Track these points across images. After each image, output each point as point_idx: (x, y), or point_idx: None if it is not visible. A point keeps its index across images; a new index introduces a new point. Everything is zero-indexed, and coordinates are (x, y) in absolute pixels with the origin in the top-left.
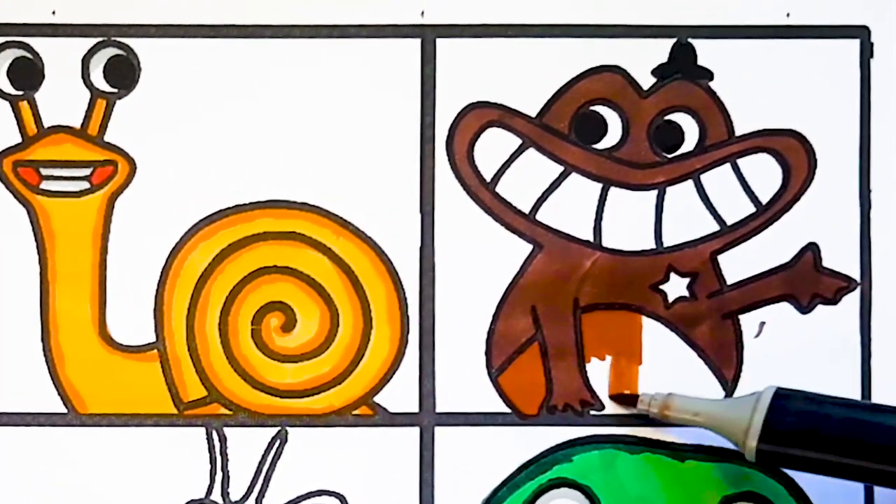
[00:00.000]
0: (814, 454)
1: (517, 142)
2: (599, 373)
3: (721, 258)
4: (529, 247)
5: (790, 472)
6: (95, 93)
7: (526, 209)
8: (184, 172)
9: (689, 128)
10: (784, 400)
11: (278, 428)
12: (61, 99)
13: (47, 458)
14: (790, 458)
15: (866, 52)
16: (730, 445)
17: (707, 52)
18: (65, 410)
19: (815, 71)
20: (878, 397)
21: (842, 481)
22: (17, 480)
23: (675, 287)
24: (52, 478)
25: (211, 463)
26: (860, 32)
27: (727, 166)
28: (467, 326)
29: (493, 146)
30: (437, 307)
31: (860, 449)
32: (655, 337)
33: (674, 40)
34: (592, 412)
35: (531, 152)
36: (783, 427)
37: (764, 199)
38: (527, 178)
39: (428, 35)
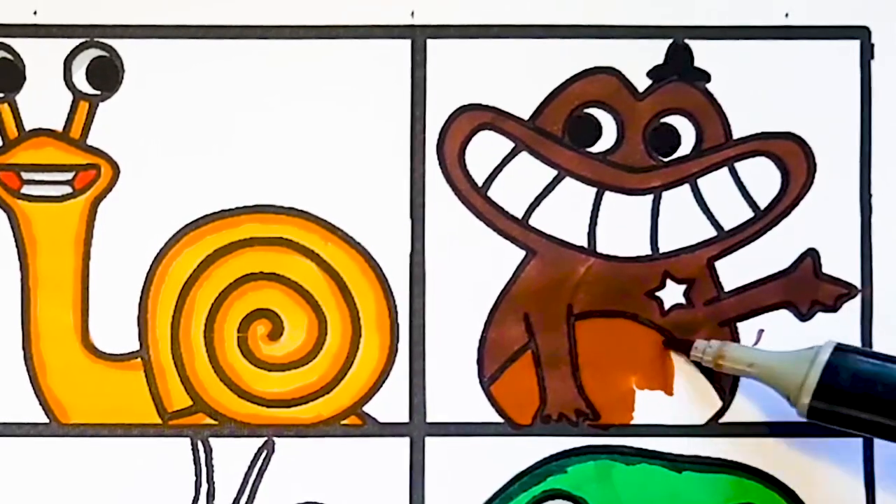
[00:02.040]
0: (868, 415)
1: (510, 145)
2: (594, 382)
3: (718, 264)
4: (522, 253)
5: (792, 485)
6: (78, 95)
7: (519, 214)
8: (168, 176)
9: (686, 131)
10: (842, 358)
11: (265, 438)
12: (43, 101)
13: (28, 468)
14: (842, 418)
15: (867, 54)
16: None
17: (704, 54)
18: (46, 420)
19: (815, 73)
20: None
21: (845, 496)
22: None
23: (672, 294)
24: (34, 489)
25: (196, 474)
26: (860, 33)
27: (725, 170)
28: (459, 334)
29: (484, 149)
30: (428, 315)
31: None
32: (651, 345)
33: (670, 41)
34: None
35: (524, 156)
36: (839, 386)
37: (762, 204)
38: (519, 183)
39: (418, 36)
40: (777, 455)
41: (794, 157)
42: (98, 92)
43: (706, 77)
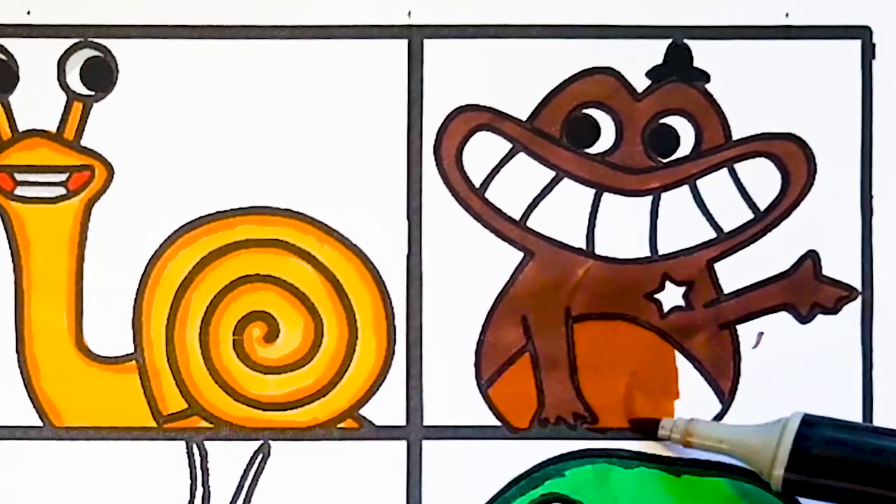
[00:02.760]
0: (843, 484)
1: (507, 146)
2: (592, 385)
3: (718, 266)
4: (520, 254)
5: None
6: (72, 95)
7: (516, 216)
8: (163, 178)
9: (685, 131)
10: (812, 427)
11: (261, 442)
12: (36, 102)
13: (22, 472)
14: (818, 488)
15: (868, 54)
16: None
17: (703, 54)
18: (40, 423)
19: (815, 73)
20: (879, 410)
21: None
22: None
23: (671, 296)
24: (27, 493)
25: (191, 478)
26: (861, 33)
27: (724, 171)
28: (456, 337)
29: (482, 150)
30: (425, 317)
31: (892, 479)
32: (650, 347)
33: (669, 41)
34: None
35: (522, 157)
36: (811, 456)
37: (762, 206)
38: (517, 184)
39: (415, 36)
40: None
41: (794, 158)
42: (92, 92)
43: (705, 77)
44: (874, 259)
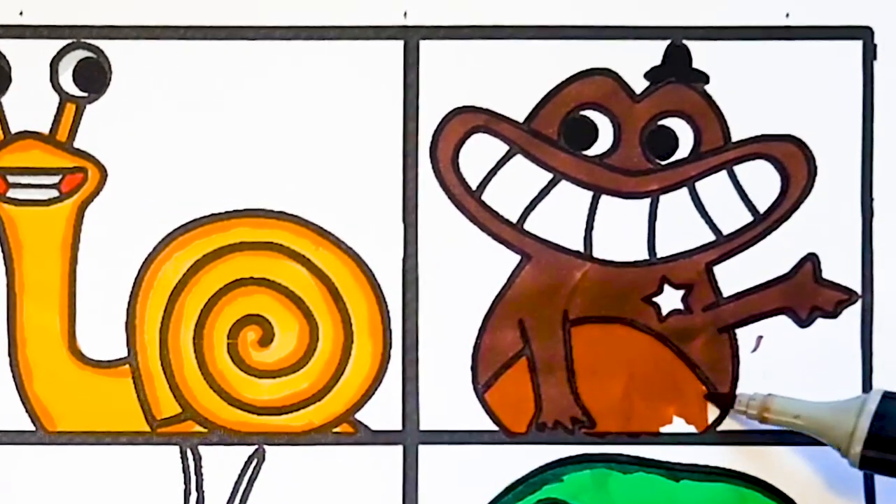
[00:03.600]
0: None
1: (504, 148)
2: (590, 389)
3: (717, 269)
4: (517, 257)
5: (791, 493)
6: (64, 97)
7: (513, 218)
8: (157, 180)
9: (684, 133)
10: (891, 405)
11: (255, 446)
12: (29, 103)
13: (14, 477)
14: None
15: (869, 54)
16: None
17: (702, 55)
18: (32, 428)
19: (816, 74)
20: None
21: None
22: None
23: (669, 299)
24: (19, 498)
25: (185, 483)
26: (863, 33)
27: (723, 174)
28: (452, 340)
29: (478, 153)
30: (421, 320)
31: None
32: (648, 351)
33: (668, 42)
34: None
35: (519, 159)
36: (890, 433)
37: (762, 208)
38: (514, 186)
39: (411, 37)
40: (776, 463)
41: (794, 160)
42: (85, 94)
43: (704, 78)
44: (874, 262)
